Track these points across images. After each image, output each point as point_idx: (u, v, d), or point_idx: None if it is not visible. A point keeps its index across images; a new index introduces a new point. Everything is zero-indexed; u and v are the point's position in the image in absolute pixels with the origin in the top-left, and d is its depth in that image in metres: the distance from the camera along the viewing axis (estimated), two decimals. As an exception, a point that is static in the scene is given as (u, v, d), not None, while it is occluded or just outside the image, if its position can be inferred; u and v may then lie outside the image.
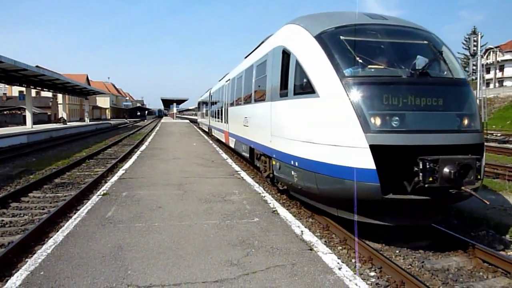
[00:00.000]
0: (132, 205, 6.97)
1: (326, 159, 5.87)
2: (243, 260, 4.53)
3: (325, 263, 4.48)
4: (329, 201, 6.45)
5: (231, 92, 15.60)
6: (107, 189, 8.32)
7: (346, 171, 5.51)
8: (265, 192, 8.37)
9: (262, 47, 10.50)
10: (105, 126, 54.43)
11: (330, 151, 5.81)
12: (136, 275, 4.08)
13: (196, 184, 9.03)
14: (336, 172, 5.71)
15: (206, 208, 6.87)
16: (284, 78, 7.56)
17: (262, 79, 9.56)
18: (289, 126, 7.31)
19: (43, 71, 28.77)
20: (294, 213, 7.68)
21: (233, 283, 3.92)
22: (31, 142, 25.50)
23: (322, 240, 5.88)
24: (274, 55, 8.46)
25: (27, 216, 7.92)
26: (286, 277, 4.08)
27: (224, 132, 17.63)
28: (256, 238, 5.32)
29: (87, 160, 16.44)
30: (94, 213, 6.45)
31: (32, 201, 9.19)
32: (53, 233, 6.54)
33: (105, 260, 4.47)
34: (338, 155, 5.68)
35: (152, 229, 5.65)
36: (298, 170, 6.74)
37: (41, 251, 4.75)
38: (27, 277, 4.00)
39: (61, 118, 46.96)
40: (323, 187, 6.10)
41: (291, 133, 7.11)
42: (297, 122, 6.95)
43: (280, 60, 7.85)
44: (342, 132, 5.68)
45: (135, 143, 24.36)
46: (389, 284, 4.93)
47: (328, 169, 5.85)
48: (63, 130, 35.23)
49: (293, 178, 7.03)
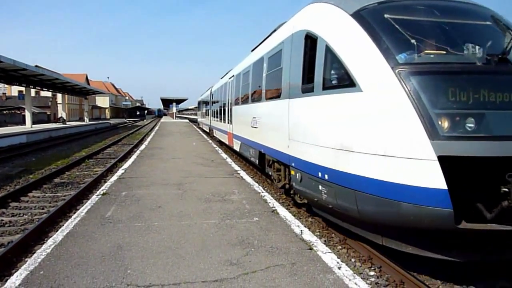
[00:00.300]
0: (131, 205, 6.97)
1: (372, 174, 4.54)
2: (243, 259, 4.53)
3: (324, 262, 4.48)
4: (372, 227, 5.11)
5: (235, 89, 14.35)
6: (107, 189, 8.31)
7: (403, 191, 4.22)
8: (265, 192, 8.37)
9: (275, 35, 8.99)
10: (104, 125, 54.40)
11: (378, 163, 4.48)
12: (135, 274, 4.08)
13: (195, 184, 9.02)
14: (387, 191, 4.37)
15: (206, 207, 6.87)
16: (308, 70, 6.25)
17: (276, 72, 8.14)
18: (315, 128, 5.92)
19: (43, 71, 28.74)
20: (293, 213, 7.67)
21: (233, 283, 3.92)
22: (30, 141, 25.48)
23: (321, 240, 5.88)
24: (293, 42, 7.07)
25: (26, 215, 7.91)
26: (286, 277, 4.08)
27: (228, 133, 16.42)
28: (255, 237, 5.32)
29: (87, 160, 16.43)
30: (93, 212, 6.45)
31: (31, 201, 9.19)
32: (52, 232, 6.54)
33: (105, 259, 4.46)
34: (391, 169, 4.33)
35: (152, 228, 5.64)
36: (329, 185, 5.41)
37: (40, 250, 4.75)
38: (27, 276, 4.00)
39: (61, 118, 46.93)
40: (366, 210, 4.78)
41: (318, 138, 5.73)
42: (327, 124, 5.56)
43: (302, 48, 6.50)
44: (397, 138, 4.34)
45: (134, 143, 24.37)
46: (388, 283, 4.93)
47: (375, 187, 4.51)
48: (62, 130, 35.18)
49: (320, 194, 5.73)
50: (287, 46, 7.43)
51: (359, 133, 4.83)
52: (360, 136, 4.80)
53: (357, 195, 4.79)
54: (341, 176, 5.09)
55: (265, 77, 9.34)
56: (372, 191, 4.57)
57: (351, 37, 5.20)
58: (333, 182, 5.28)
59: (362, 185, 4.71)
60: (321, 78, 5.77)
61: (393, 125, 4.42)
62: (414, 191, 4.13)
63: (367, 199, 4.67)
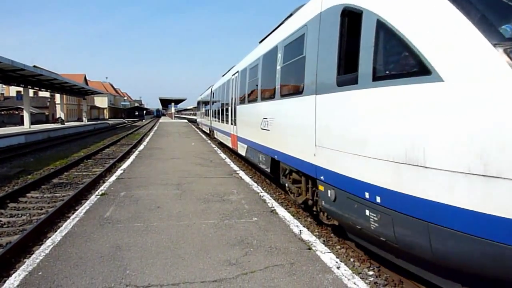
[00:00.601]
0: (130, 205, 6.96)
1: (460, 201, 3.25)
2: (242, 259, 4.53)
3: (323, 262, 4.48)
4: (450, 273, 3.79)
5: (240, 87, 13.04)
6: (105, 189, 8.30)
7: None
8: (264, 192, 8.37)
9: (293, 19, 7.52)
10: (103, 126, 54.35)
11: (472, 186, 3.17)
12: (134, 275, 4.07)
13: (194, 184, 9.02)
14: (485, 228, 3.11)
15: (205, 207, 6.86)
16: (347, 56, 4.98)
17: (296, 63, 6.80)
18: (361, 133, 4.49)
19: (41, 71, 28.74)
20: (292, 213, 7.67)
21: (232, 283, 3.91)
22: (29, 142, 25.44)
23: (320, 239, 5.88)
24: (322, 22, 5.71)
25: (25, 216, 7.89)
26: (285, 277, 4.08)
27: (231, 135, 15.01)
28: (254, 237, 5.32)
29: (85, 160, 16.43)
30: (92, 213, 6.44)
31: (30, 202, 9.17)
32: (51, 233, 6.53)
33: (104, 260, 4.46)
34: (495, 196, 3.02)
35: (151, 229, 5.64)
36: (383, 211, 4.11)
37: (39, 251, 4.74)
38: (25, 277, 3.99)
39: (59, 118, 46.84)
40: (447, 251, 3.48)
41: (366, 146, 4.34)
42: (383, 128, 4.11)
43: (337, 28, 5.14)
44: (508, 150, 2.95)
45: (133, 143, 24.34)
46: (387, 283, 4.93)
47: (464, 220, 3.24)
48: (61, 130, 35.12)
49: (366, 220, 4.42)
50: (312, 29, 6.07)
51: (437, 141, 3.46)
52: (439, 145, 3.44)
53: (432, 230, 3.52)
54: (405, 200, 3.79)
55: (280, 70, 7.95)
56: (460, 227, 3.29)
57: (420, 5, 3.81)
58: (391, 208, 3.99)
59: (441, 216, 3.43)
60: (369, 66, 4.37)
61: (499, 131, 3.01)
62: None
63: (448, 236, 3.40)
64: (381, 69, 4.27)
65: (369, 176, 4.32)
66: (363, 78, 4.47)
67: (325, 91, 5.47)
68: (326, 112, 5.45)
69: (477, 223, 3.16)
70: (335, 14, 5.23)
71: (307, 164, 6.16)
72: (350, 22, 4.95)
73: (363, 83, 4.48)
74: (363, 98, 4.49)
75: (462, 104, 3.27)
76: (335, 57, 5.17)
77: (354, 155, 4.61)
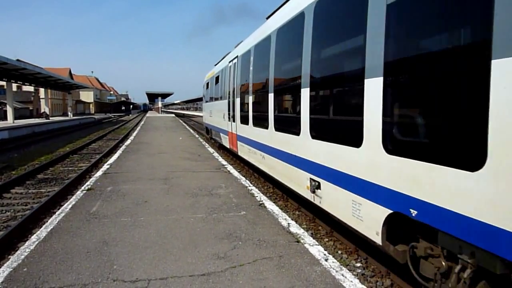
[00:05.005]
0: (117, 200, 6.88)
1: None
2: (230, 253, 4.53)
3: (312, 254, 4.51)
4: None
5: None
6: (92, 184, 8.20)
7: None
8: (252, 186, 8.37)
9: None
10: (89, 120, 53.62)
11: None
12: (122, 270, 4.03)
13: (182, 178, 8.97)
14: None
15: (193, 202, 6.83)
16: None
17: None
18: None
19: (25, 65, 28.09)
20: (281, 206, 7.70)
21: (221, 276, 3.91)
22: (12, 137, 24.92)
23: (308, 232, 5.92)
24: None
25: (9, 212, 7.74)
26: (274, 269, 4.09)
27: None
28: (243, 231, 5.32)
29: (71, 155, 16.18)
30: (78, 208, 6.35)
31: (14, 198, 9.00)
32: (36, 229, 6.42)
33: (90, 255, 4.40)
34: None
35: (138, 223, 5.59)
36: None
37: (24, 247, 4.66)
38: (10, 274, 3.92)
39: (44, 113, 45.99)
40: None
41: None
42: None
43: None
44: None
45: (120, 138, 24.06)
46: (374, 274, 5.00)
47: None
48: (45, 125, 34.55)
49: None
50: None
51: None
52: None
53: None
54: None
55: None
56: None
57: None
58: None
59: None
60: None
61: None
62: None
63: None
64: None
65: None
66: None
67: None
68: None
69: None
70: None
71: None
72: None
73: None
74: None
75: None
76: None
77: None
